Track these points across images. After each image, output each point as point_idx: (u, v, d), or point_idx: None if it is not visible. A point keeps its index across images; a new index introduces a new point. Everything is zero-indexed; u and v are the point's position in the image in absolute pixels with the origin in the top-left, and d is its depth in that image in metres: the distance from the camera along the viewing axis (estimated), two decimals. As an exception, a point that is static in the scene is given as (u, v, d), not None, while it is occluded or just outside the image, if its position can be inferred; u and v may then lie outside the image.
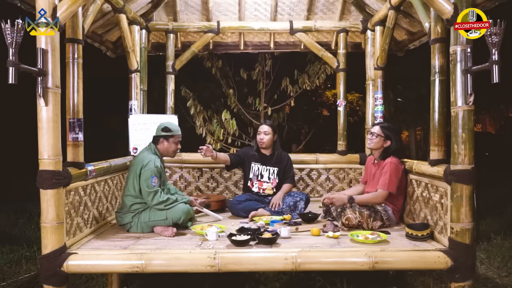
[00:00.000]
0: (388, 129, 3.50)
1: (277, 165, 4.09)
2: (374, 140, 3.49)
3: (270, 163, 4.10)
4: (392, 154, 3.43)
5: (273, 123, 4.23)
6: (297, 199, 3.84)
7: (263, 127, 4.10)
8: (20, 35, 2.24)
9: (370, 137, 3.55)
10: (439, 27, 3.03)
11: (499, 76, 2.29)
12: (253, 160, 4.11)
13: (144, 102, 4.45)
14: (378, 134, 3.48)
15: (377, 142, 3.48)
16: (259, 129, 4.11)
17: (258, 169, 4.10)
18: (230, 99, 6.84)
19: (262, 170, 4.09)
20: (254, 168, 4.10)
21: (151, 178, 3.15)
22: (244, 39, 5.03)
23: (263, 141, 4.04)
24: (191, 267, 2.59)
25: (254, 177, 4.09)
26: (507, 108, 17.42)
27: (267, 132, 4.05)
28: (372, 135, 3.53)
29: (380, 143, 3.48)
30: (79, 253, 2.64)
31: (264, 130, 4.06)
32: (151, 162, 3.21)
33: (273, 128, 4.10)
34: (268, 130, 4.05)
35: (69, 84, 3.02)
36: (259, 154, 4.12)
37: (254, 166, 4.11)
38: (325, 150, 10.88)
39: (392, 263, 2.63)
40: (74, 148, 2.99)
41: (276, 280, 3.76)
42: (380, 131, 3.48)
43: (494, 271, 3.99)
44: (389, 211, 3.34)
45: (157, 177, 3.19)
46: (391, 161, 3.37)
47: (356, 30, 4.71)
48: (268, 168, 4.09)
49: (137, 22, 4.28)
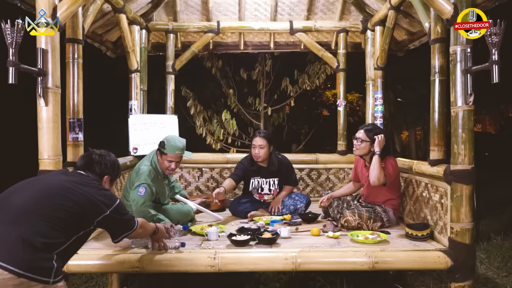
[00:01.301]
0: (373, 131, 3.35)
1: (277, 175, 3.90)
2: (360, 146, 3.34)
3: (270, 174, 3.89)
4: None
5: (267, 133, 3.89)
6: (297, 202, 3.79)
7: (256, 140, 3.78)
8: (20, 35, 2.24)
9: (356, 143, 3.37)
10: (439, 27, 3.03)
11: (499, 76, 2.30)
12: (252, 175, 3.91)
13: (144, 102, 4.45)
14: (363, 139, 3.33)
15: (363, 148, 3.34)
16: (253, 143, 3.80)
17: (258, 183, 3.92)
18: (230, 99, 6.84)
19: (262, 183, 3.92)
20: (254, 182, 3.92)
21: (138, 188, 3.06)
22: (244, 39, 5.03)
23: (260, 156, 3.77)
24: (191, 267, 2.59)
25: (254, 190, 3.94)
26: (507, 108, 17.41)
27: (262, 145, 3.76)
28: (357, 141, 3.36)
29: (367, 148, 3.34)
30: (79, 253, 2.61)
31: (259, 144, 3.76)
32: (145, 175, 3.11)
33: (268, 140, 3.79)
34: (263, 143, 3.76)
35: (69, 84, 3.02)
36: (257, 167, 3.88)
37: (254, 181, 3.92)
38: (325, 150, 10.87)
39: (392, 263, 2.64)
40: (74, 148, 2.99)
41: (276, 280, 3.76)
42: (365, 136, 3.33)
43: (494, 271, 3.99)
44: (389, 212, 3.33)
45: (145, 188, 3.06)
46: (389, 161, 3.30)
47: (356, 30, 4.71)
48: (268, 180, 3.91)
49: (137, 22, 4.28)
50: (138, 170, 3.18)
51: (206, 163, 4.66)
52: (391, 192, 3.36)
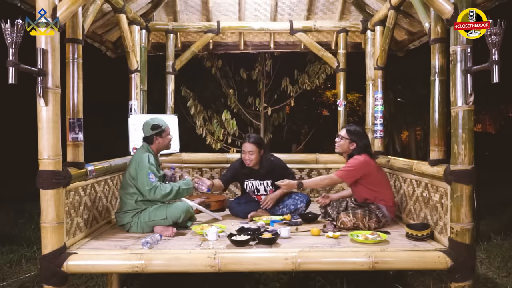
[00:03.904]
0: (353, 132, 3.48)
1: (270, 176, 3.89)
2: (340, 143, 3.50)
3: (262, 176, 3.91)
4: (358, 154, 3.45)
5: (256, 137, 3.88)
6: (297, 202, 3.79)
7: (246, 146, 3.79)
8: (20, 35, 2.24)
9: (337, 139, 3.55)
10: (439, 27, 3.03)
11: (499, 76, 2.29)
12: (244, 178, 3.94)
13: (144, 102, 4.45)
14: (344, 137, 3.49)
15: (342, 144, 3.49)
16: (243, 148, 3.82)
17: (252, 185, 3.95)
18: (230, 99, 6.84)
19: (257, 185, 3.94)
20: (248, 185, 3.95)
21: (148, 175, 3.14)
22: (244, 39, 5.03)
23: (251, 161, 3.79)
24: (191, 267, 2.59)
25: (251, 192, 3.97)
26: (507, 108, 17.41)
27: (251, 151, 3.77)
28: (338, 137, 3.53)
29: (346, 146, 3.48)
30: (79, 253, 2.64)
31: (248, 150, 3.78)
32: (144, 159, 3.19)
33: (257, 145, 3.79)
34: (253, 149, 3.77)
35: (69, 84, 3.02)
36: (249, 170, 3.90)
37: (248, 183, 3.95)
38: (325, 150, 10.88)
39: (392, 263, 2.63)
40: (74, 148, 2.99)
41: (276, 280, 3.76)
42: (346, 134, 3.49)
43: (494, 271, 3.99)
44: (382, 208, 3.34)
45: (153, 173, 3.18)
46: (355, 157, 3.42)
47: (356, 30, 4.71)
48: (262, 182, 3.93)
49: (137, 22, 4.28)
50: (138, 162, 3.19)
51: (206, 163, 4.66)
52: (371, 189, 3.39)
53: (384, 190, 3.43)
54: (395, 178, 3.77)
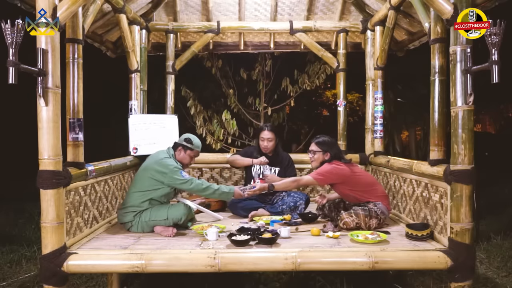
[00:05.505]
0: (323, 143, 3.51)
1: (279, 165, 4.18)
2: (314, 157, 3.52)
3: (272, 163, 4.16)
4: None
5: (273, 126, 4.25)
6: (297, 199, 3.85)
7: (265, 133, 4.10)
8: (20, 35, 2.24)
9: (310, 155, 3.56)
10: (439, 27, 3.03)
11: (499, 76, 2.30)
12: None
13: (144, 102, 4.45)
14: (316, 150, 3.51)
15: (317, 158, 3.51)
16: (262, 135, 4.11)
17: (260, 168, 4.16)
18: (230, 99, 6.84)
19: (264, 169, 4.16)
20: (256, 167, 4.18)
21: (179, 173, 3.25)
22: (244, 39, 5.03)
23: (268, 148, 4.11)
24: (191, 267, 2.60)
25: (256, 176, 4.15)
26: (507, 108, 17.41)
27: (270, 138, 4.09)
28: (310, 153, 3.55)
29: (321, 158, 3.50)
30: (79, 253, 2.64)
31: (267, 137, 4.09)
32: (169, 161, 3.29)
33: (275, 133, 4.14)
34: (272, 136, 4.10)
35: (69, 84, 3.02)
36: (261, 155, 4.17)
37: (256, 166, 4.18)
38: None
39: (392, 263, 2.64)
40: (74, 148, 2.99)
41: (276, 280, 3.76)
42: (317, 148, 3.51)
43: (494, 271, 4.00)
44: (378, 204, 3.35)
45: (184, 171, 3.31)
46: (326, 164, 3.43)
47: (356, 30, 4.71)
48: (270, 168, 4.16)
49: (137, 22, 4.28)
50: (162, 162, 3.28)
51: (206, 163, 4.66)
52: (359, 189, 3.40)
53: (371, 188, 3.44)
54: (395, 178, 3.78)
